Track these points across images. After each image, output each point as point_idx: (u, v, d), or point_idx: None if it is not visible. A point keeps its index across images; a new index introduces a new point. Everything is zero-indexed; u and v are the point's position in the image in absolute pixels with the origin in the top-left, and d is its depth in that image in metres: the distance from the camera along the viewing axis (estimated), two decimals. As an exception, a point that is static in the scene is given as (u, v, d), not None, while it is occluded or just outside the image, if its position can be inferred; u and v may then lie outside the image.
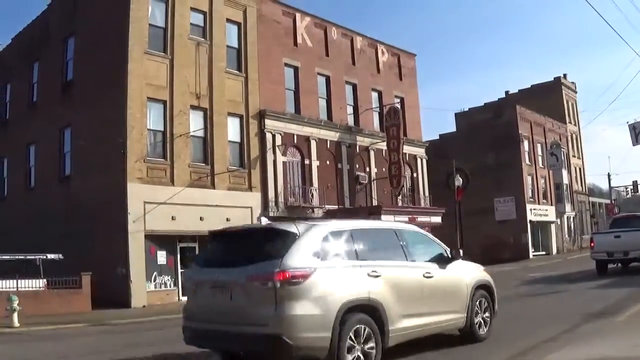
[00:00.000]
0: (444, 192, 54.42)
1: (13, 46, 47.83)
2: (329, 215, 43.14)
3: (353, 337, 10.39)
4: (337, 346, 10.08)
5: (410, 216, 45.12)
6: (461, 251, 14.03)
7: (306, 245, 10.54)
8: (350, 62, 49.06)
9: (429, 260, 12.85)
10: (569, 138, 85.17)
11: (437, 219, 48.20)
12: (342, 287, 10.52)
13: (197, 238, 36.21)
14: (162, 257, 34.60)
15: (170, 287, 34.89)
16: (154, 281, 34.06)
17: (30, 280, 29.52)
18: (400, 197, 49.48)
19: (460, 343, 13.68)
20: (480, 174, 64.42)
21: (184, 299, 30.09)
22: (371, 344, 10.67)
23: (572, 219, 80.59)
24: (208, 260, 12.01)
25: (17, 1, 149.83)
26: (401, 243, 12.44)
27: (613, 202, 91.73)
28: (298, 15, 45.16)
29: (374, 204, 46.45)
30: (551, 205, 74.73)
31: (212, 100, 37.72)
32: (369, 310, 10.79)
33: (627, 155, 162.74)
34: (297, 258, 10.22)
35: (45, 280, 29.99)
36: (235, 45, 40.20)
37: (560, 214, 75.19)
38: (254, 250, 10.83)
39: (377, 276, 11.10)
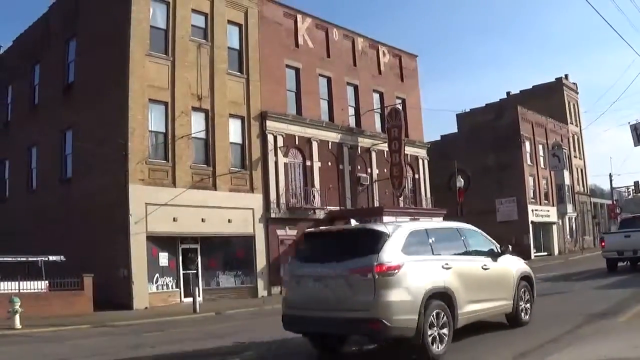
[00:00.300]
0: (446, 193, 54.54)
1: (14, 48, 47.86)
2: (330, 216, 43.25)
3: (433, 319, 12.09)
4: (422, 327, 11.79)
5: (411, 217, 44.98)
6: (510, 247, 15.89)
7: (395, 242, 12.30)
8: (352, 63, 49.06)
9: (484, 254, 14.74)
10: (571, 139, 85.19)
11: (439, 220, 48.15)
12: (424, 278, 12.28)
13: (198, 239, 36.29)
14: (164, 258, 34.57)
15: (172, 288, 34.85)
16: (156, 283, 34.02)
17: (32, 282, 29.52)
18: (401, 198, 49.42)
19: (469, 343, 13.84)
20: (481, 175, 64.60)
21: (186, 300, 30.22)
22: (445, 326, 12.39)
23: (573, 220, 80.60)
24: (307, 257, 13.50)
25: (18, 3, 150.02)
26: (462, 239, 14.48)
27: (614, 202, 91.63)
28: (299, 17, 45.16)
29: (375, 205, 46.44)
30: (553, 206, 74.75)
31: (214, 101, 37.73)
32: (444, 297, 12.55)
33: (629, 156, 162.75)
34: (390, 253, 11.99)
35: (47, 282, 29.99)
36: (237, 46, 40.21)
37: (561, 214, 75.23)
38: (352, 247, 12.53)
39: (448, 268, 12.96)
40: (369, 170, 48.22)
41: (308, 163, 43.44)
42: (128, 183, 32.99)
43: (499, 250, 15.41)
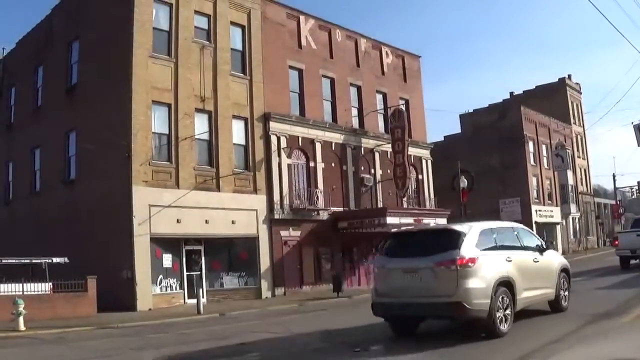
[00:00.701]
0: (449, 193, 54.46)
1: (17, 50, 47.86)
2: (333, 217, 43.25)
3: (500, 303, 14.34)
4: (493, 309, 14.07)
5: (415, 218, 45.08)
6: (554, 242, 18.35)
7: (470, 240, 14.68)
8: (355, 64, 49.03)
9: (533, 249, 17.08)
10: (574, 139, 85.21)
11: (443, 221, 47.95)
12: (493, 268, 14.59)
13: (202, 241, 36.29)
14: (167, 260, 34.56)
15: (175, 290, 34.85)
16: (160, 284, 34.01)
17: (35, 284, 29.51)
18: (405, 199, 49.41)
19: (469, 341, 14.12)
20: (485, 175, 64.54)
21: (190, 301, 30.44)
22: (508, 309, 14.64)
23: (577, 220, 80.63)
24: (395, 253, 15.82)
25: (21, 5, 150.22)
26: (517, 236, 16.93)
27: (618, 202, 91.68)
28: (302, 18, 45.15)
29: (379, 206, 46.42)
30: (556, 206, 74.76)
31: (217, 103, 37.73)
32: (507, 285, 14.77)
33: (632, 156, 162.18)
34: (467, 249, 14.34)
35: (50, 283, 30.00)
36: (240, 48, 40.21)
37: (565, 215, 75.24)
38: (435, 244, 14.87)
39: (510, 261, 15.25)
40: (372, 171, 48.21)
41: (311, 164, 43.43)
42: (131, 185, 32.99)
43: (544, 246, 17.90)
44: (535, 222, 68.13)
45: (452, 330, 16.08)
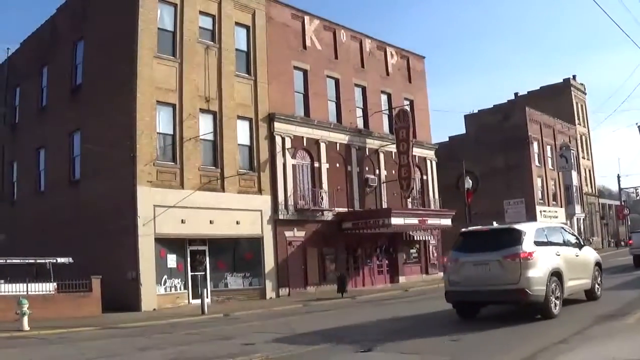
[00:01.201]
0: (454, 194, 54.44)
1: (22, 50, 47.92)
2: (338, 218, 43.23)
3: (552, 290, 17.24)
4: (548, 294, 16.97)
5: (420, 219, 45.08)
6: (592, 240, 21.22)
7: (529, 237, 17.70)
8: (360, 64, 49.03)
9: (574, 245, 20.18)
10: (579, 139, 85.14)
11: (447, 222, 48.08)
12: (547, 261, 17.56)
13: (207, 241, 36.29)
14: (172, 260, 34.56)
15: (180, 290, 34.84)
16: (164, 284, 34.01)
17: (40, 284, 29.57)
18: (409, 200, 49.34)
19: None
20: (489, 176, 64.59)
21: (194, 302, 30.78)
22: (558, 295, 17.53)
23: (582, 221, 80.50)
24: (465, 248, 18.56)
25: (26, 6, 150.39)
26: (562, 234, 20.08)
27: (623, 203, 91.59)
28: (307, 18, 45.12)
29: (383, 207, 46.38)
30: (561, 207, 74.73)
31: (222, 103, 37.73)
32: (557, 275, 17.69)
33: (637, 157, 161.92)
34: (527, 245, 17.34)
35: (55, 283, 30.06)
36: (244, 48, 40.21)
37: (570, 215, 75.16)
38: (501, 241, 17.84)
39: (559, 255, 18.32)
40: (377, 171, 48.17)
41: (316, 164, 43.42)
42: (136, 185, 33.01)
43: (582, 243, 21.27)
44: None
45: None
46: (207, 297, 31.64)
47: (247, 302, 35.57)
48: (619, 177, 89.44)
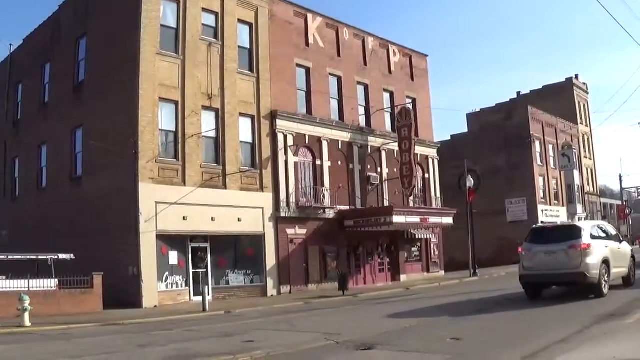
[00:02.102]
0: (456, 193, 54.39)
1: (25, 47, 47.94)
2: (340, 215, 43.24)
3: (602, 274, 21.75)
4: (600, 278, 21.51)
5: (421, 217, 45.08)
6: (628, 237, 24.91)
7: (587, 232, 22.40)
8: (362, 62, 49.03)
9: (615, 239, 24.62)
10: (581, 139, 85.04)
11: (449, 220, 48.10)
12: (599, 251, 22.08)
13: (208, 238, 36.31)
14: (173, 257, 34.58)
15: (181, 287, 34.86)
16: (166, 281, 34.04)
17: (41, 280, 29.60)
18: (411, 198, 49.35)
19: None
20: (491, 175, 64.56)
21: (196, 299, 31.14)
22: (607, 279, 22.00)
23: (583, 220, 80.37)
24: (537, 240, 23.29)
25: (29, 2, 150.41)
26: (606, 231, 24.61)
27: (624, 203, 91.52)
28: (310, 16, 45.12)
29: (385, 205, 46.39)
30: (563, 206, 74.64)
31: (224, 100, 37.74)
32: (607, 263, 22.19)
33: (639, 156, 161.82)
34: (586, 238, 21.96)
35: (56, 280, 30.05)
36: (247, 45, 40.21)
37: (571, 215, 75.01)
38: (565, 234, 22.75)
39: (606, 247, 22.78)
40: (379, 169, 48.19)
41: (318, 162, 43.42)
42: (138, 182, 33.04)
43: (621, 239, 26.03)
44: (542, 222, 67.99)
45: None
46: (208, 294, 31.58)
47: (249, 300, 35.61)
48: (620, 176, 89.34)
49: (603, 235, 23.70)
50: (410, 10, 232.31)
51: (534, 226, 26.94)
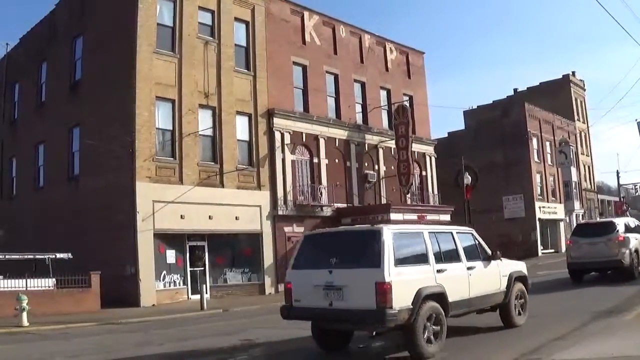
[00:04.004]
0: (453, 190, 54.37)
1: (21, 46, 47.85)
2: (337, 213, 43.23)
3: (634, 259, 26.56)
4: (632, 262, 26.27)
5: (419, 214, 45.06)
6: None
7: (622, 227, 27.04)
8: (359, 60, 49.00)
9: (636, 232, 28.50)
10: (578, 136, 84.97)
11: (446, 217, 48.07)
12: (631, 242, 26.55)
13: (206, 237, 36.30)
14: (171, 256, 34.57)
15: (179, 285, 34.84)
16: (163, 280, 34.02)
17: (39, 280, 29.58)
18: (409, 195, 49.31)
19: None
20: (489, 172, 64.46)
21: (193, 297, 31.27)
22: (636, 264, 26.62)
23: (580, 217, 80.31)
24: (581, 234, 28.39)
25: (25, 2, 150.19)
26: (633, 224, 29.35)
27: (622, 199, 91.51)
28: (306, 14, 45.09)
29: (382, 202, 46.39)
30: (560, 203, 74.58)
31: (221, 99, 37.72)
32: (637, 252, 26.70)
33: (636, 153, 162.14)
34: (622, 231, 26.73)
35: (54, 279, 30.03)
36: (244, 44, 40.18)
37: (569, 211, 74.99)
38: (604, 229, 27.52)
39: (637, 239, 27.27)
40: (376, 167, 48.19)
41: (315, 160, 43.41)
42: (135, 180, 33.01)
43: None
44: (539, 219, 68.03)
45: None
46: (206, 293, 31.69)
47: (246, 298, 35.63)
48: (618, 173, 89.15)
49: (634, 228, 28.59)
50: (406, 8, 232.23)
51: (579, 222, 37.80)
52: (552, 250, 69.03)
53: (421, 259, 13.12)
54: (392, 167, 48.32)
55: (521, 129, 69.49)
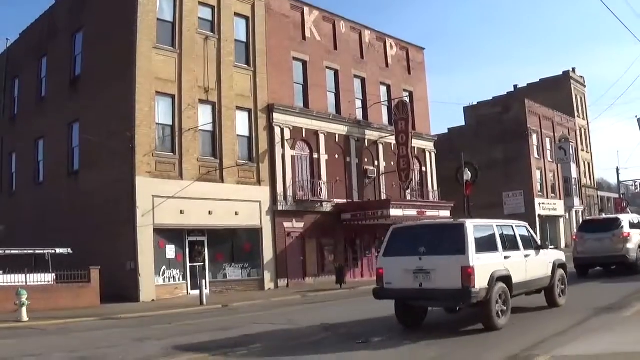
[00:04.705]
0: (453, 186, 54.36)
1: (21, 41, 47.86)
2: (336, 209, 43.25)
3: (639, 256, 27.73)
4: (637, 259, 27.36)
5: (418, 210, 45.01)
6: None
7: (626, 223, 28.43)
8: (359, 56, 48.96)
9: None
10: (578, 132, 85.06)
11: (446, 213, 47.99)
12: (636, 238, 27.76)
13: (205, 232, 36.28)
14: (170, 251, 34.57)
15: (179, 281, 34.85)
16: (163, 275, 34.02)
17: (39, 275, 29.58)
18: (408, 191, 49.29)
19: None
20: (489, 168, 64.51)
21: (193, 292, 31.50)
22: None
23: (580, 214, 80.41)
24: (587, 229, 29.79)
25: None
26: (637, 221, 30.21)
27: (622, 196, 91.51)
28: (306, 9, 45.03)
29: (382, 198, 46.35)
30: (560, 199, 74.69)
31: (221, 94, 37.69)
32: None
33: (636, 150, 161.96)
34: (626, 228, 27.92)
35: (54, 274, 30.03)
36: (244, 39, 40.14)
37: (568, 208, 75.14)
38: (610, 225, 28.67)
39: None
40: (376, 163, 48.17)
41: (315, 156, 43.40)
42: (135, 176, 32.99)
43: None
44: (539, 215, 68.13)
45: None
46: (205, 288, 31.67)
47: (246, 293, 35.63)
48: (618, 169, 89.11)
49: (636, 224, 29.27)
50: (406, 3, 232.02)
51: (585, 218, 38.05)
52: (552, 247, 68.66)
53: (492, 247, 15.58)
54: (392, 163, 48.29)
55: (521, 125, 69.61)
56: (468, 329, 15.46)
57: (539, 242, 18.28)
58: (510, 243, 16.39)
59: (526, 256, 16.73)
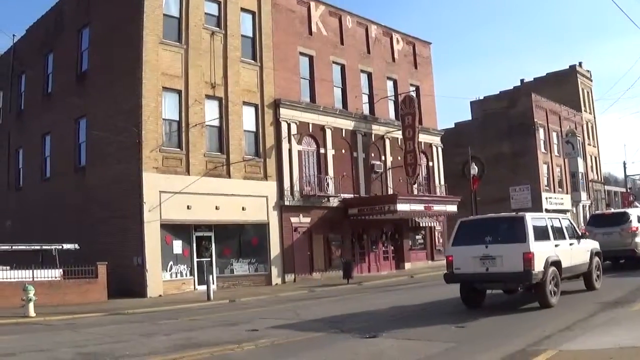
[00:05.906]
0: (460, 180, 54.35)
1: (28, 37, 47.90)
2: (343, 204, 43.22)
3: None
4: None
5: (425, 205, 44.98)
6: None
7: (635, 217, 28.83)
8: (365, 50, 48.89)
9: None
10: (585, 126, 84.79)
11: (453, 208, 47.97)
12: None
13: (212, 227, 36.31)
14: (177, 246, 34.58)
15: (186, 276, 34.88)
16: (170, 270, 34.04)
17: (46, 270, 29.60)
18: (415, 186, 49.28)
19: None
20: (495, 163, 64.41)
21: (200, 288, 31.73)
22: None
23: (587, 208, 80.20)
24: (595, 224, 29.79)
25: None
26: None
27: (629, 190, 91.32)
28: (313, 4, 44.94)
29: (389, 193, 46.32)
30: (567, 193, 74.46)
31: (227, 89, 37.69)
32: None
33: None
34: (635, 222, 28.47)
35: (61, 270, 30.05)
36: (250, 34, 40.10)
37: (575, 202, 74.89)
38: (618, 220, 29.17)
39: None
40: (382, 157, 48.15)
41: (322, 151, 43.37)
42: (142, 171, 33.02)
43: None
44: (546, 210, 67.77)
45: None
46: (212, 283, 31.72)
47: (253, 288, 35.67)
48: (624, 164, 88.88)
49: None
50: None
51: (594, 213, 38.68)
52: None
53: (545, 236, 18.15)
54: (399, 158, 48.27)
55: (528, 119, 69.38)
56: (472, 324, 15.46)
57: (579, 232, 21.33)
58: (558, 233, 19.06)
59: (570, 244, 19.45)
